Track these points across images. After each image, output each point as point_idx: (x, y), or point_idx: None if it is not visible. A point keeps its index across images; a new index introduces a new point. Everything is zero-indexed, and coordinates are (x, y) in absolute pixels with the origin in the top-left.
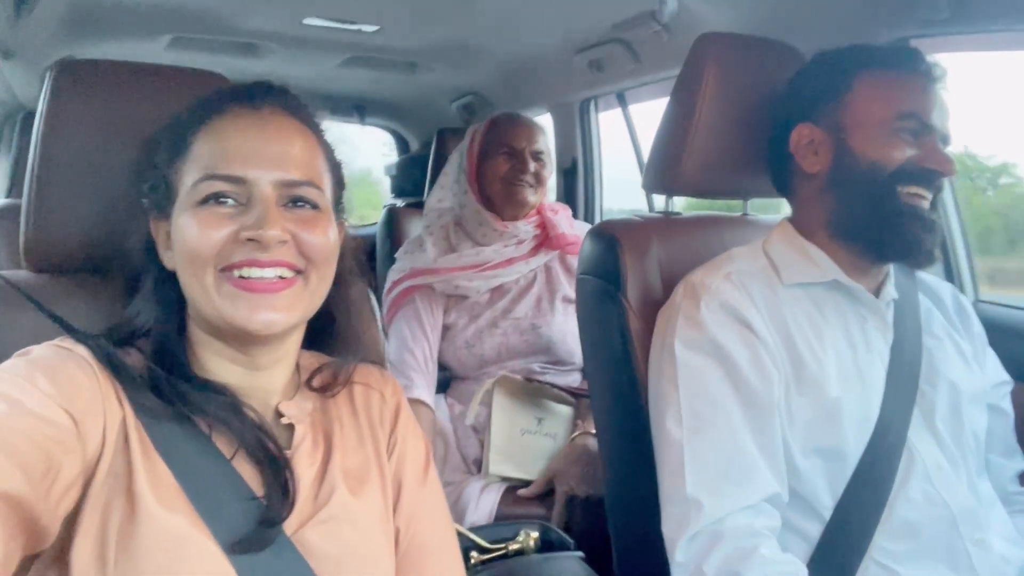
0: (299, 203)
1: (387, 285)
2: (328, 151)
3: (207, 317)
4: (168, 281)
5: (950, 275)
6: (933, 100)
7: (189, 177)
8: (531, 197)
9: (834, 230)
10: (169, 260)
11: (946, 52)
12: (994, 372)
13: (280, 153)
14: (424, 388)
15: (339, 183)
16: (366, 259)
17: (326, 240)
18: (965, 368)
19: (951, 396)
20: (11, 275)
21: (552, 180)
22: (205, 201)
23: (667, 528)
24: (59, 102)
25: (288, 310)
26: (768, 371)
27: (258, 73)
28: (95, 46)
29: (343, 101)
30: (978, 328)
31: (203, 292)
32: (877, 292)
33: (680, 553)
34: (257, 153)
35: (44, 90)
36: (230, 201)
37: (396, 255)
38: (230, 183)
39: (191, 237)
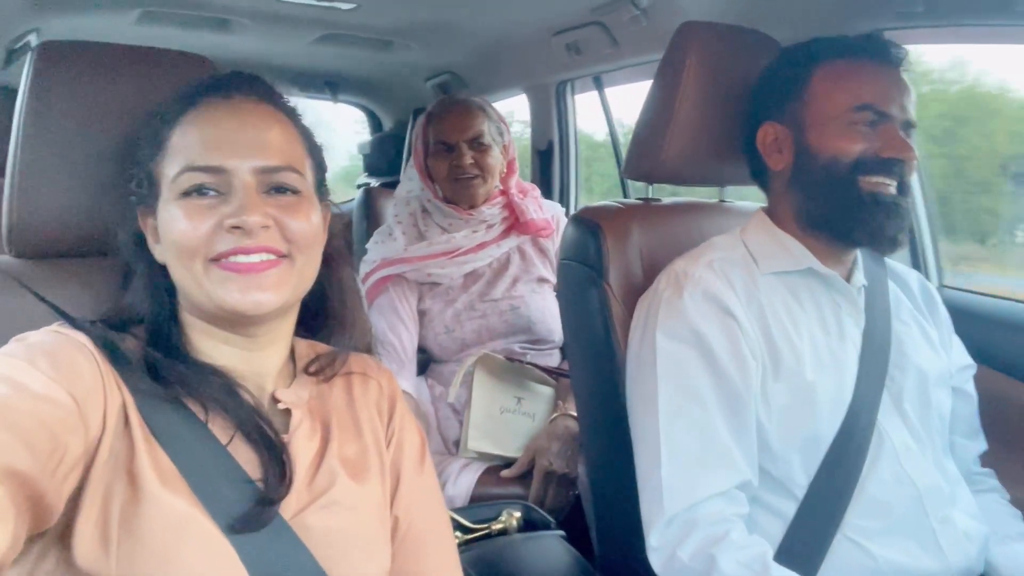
0: (280, 189)
1: (359, 276)
2: (307, 135)
3: (199, 304)
4: (160, 273)
5: (916, 261)
6: (893, 87)
7: (170, 170)
8: (480, 189)
9: (803, 221)
10: (160, 253)
11: (920, 44)
12: (959, 356)
13: (257, 140)
14: (405, 378)
15: (320, 166)
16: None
17: (309, 224)
18: (932, 353)
19: (919, 380)
20: None
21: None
22: (187, 193)
23: (644, 512)
24: (41, 84)
25: (276, 289)
26: (746, 360)
27: (230, 49)
28: (61, 20)
29: (316, 78)
30: (944, 315)
31: (193, 281)
32: (848, 279)
33: (655, 538)
34: (233, 142)
35: (25, 71)
36: (211, 191)
37: (367, 245)
38: (209, 174)
39: (177, 230)
